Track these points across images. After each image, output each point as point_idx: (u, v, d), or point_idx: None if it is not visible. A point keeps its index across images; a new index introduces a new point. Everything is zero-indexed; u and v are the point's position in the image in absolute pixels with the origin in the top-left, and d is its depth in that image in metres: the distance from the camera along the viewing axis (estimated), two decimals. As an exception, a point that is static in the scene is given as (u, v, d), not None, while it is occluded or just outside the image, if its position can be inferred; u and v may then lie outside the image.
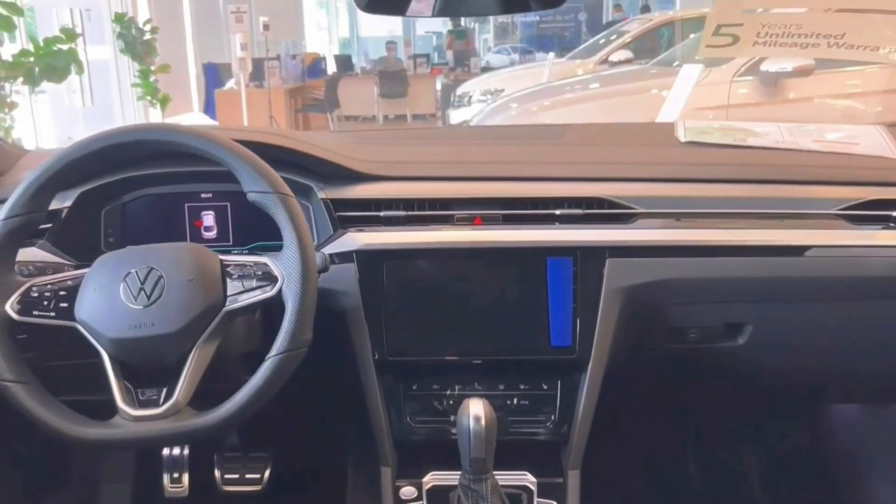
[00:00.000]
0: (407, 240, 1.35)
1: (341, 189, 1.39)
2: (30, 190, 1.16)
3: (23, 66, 6.07)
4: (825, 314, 1.43)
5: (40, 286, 1.17)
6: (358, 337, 1.34)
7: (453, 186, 1.41)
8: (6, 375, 1.12)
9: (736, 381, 1.58)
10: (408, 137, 1.80)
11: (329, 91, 10.54)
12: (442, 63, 13.10)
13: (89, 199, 1.40)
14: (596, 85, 6.39)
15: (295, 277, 1.12)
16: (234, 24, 8.44)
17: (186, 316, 1.11)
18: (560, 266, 1.33)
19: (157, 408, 1.10)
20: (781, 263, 1.36)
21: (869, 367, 1.54)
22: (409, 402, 1.39)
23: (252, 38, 9.12)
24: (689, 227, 1.36)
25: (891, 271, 1.36)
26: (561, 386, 1.38)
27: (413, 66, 12.22)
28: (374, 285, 1.33)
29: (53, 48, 6.25)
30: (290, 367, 1.12)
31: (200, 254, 1.18)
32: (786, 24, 1.39)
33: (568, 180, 1.42)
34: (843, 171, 1.45)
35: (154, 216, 1.45)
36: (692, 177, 1.44)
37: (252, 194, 1.16)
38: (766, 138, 1.55)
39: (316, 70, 11.65)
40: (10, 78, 5.99)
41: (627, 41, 8.41)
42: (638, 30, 8.58)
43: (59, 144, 7.41)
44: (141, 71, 8.80)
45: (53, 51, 6.24)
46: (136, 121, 9.36)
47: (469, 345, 1.36)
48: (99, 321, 1.12)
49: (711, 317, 1.43)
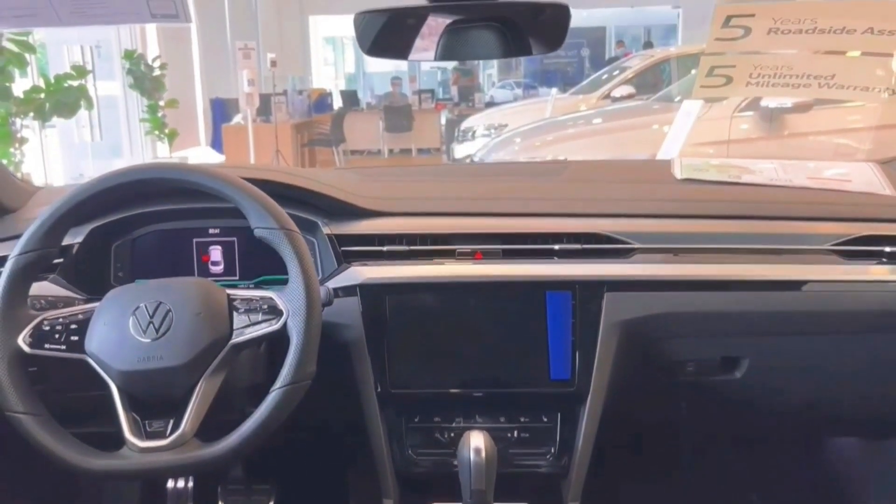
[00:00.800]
0: (409, 274, 1.38)
1: (345, 224, 1.43)
2: (44, 226, 1.20)
3: (34, 101, 6.18)
4: (821, 348, 1.45)
5: (52, 319, 1.20)
6: (361, 369, 1.36)
7: (454, 222, 1.45)
8: (17, 407, 1.14)
9: (734, 414, 1.59)
10: (410, 174, 1.84)
11: (335, 126, 10.64)
12: (446, 98, 13.21)
13: (100, 234, 1.44)
14: (598, 120, 6.44)
15: (300, 311, 1.15)
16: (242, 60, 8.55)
17: (194, 349, 1.14)
18: (559, 300, 1.36)
19: (163, 439, 1.12)
20: (776, 298, 1.38)
21: (866, 401, 1.56)
22: (411, 434, 1.41)
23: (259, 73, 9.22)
24: (686, 261, 1.39)
25: (884, 305, 1.38)
26: (561, 418, 1.40)
27: (418, 102, 12.34)
28: (377, 318, 1.36)
29: (64, 84, 6.35)
30: (294, 398, 1.14)
31: (208, 288, 1.21)
32: (777, 65, 1.42)
33: (566, 216, 1.45)
34: (836, 208, 1.48)
35: (163, 251, 1.49)
36: (688, 213, 1.47)
37: (259, 230, 1.19)
38: (761, 175, 1.58)
39: (322, 105, 11.77)
40: (20, 113, 6.08)
41: (630, 77, 8.47)
42: (640, 66, 8.65)
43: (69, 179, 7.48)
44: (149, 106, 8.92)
45: (64, 87, 6.35)
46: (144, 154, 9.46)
47: (470, 377, 1.39)
48: (108, 354, 1.15)
49: (708, 351, 1.45)
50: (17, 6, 1.14)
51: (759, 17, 1.34)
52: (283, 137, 9.38)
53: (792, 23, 1.34)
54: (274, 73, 9.72)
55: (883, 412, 1.60)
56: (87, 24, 1.19)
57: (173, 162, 1.44)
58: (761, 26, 1.35)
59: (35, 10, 1.14)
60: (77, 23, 1.18)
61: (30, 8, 1.14)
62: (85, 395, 1.21)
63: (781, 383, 1.50)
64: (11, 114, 5.98)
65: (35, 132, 6.65)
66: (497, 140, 6.53)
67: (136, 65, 8.71)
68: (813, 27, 1.34)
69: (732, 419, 1.62)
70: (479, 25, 1.11)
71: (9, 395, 1.14)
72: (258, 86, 8.94)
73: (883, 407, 1.57)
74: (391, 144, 11.92)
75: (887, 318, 1.39)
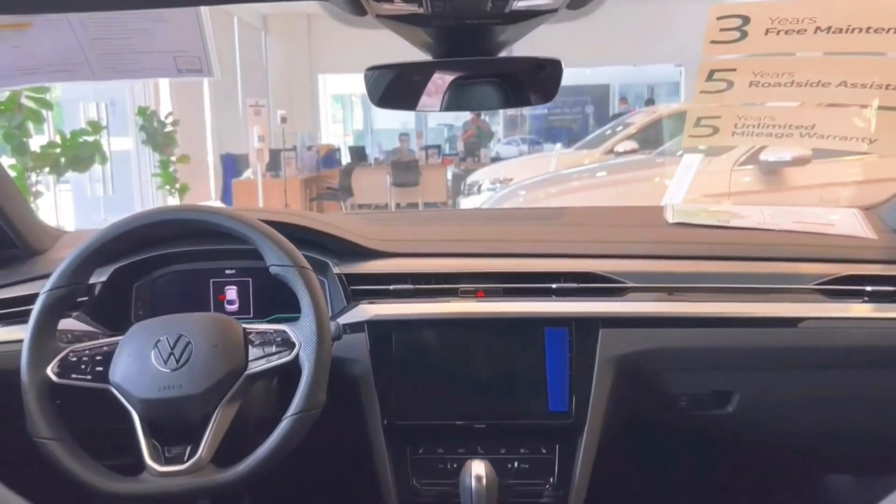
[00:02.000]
0: (415, 311, 1.45)
1: (354, 265, 1.51)
2: (73, 264, 1.29)
3: (50, 156, 6.31)
4: (808, 383, 1.51)
5: (78, 352, 1.27)
6: (368, 402, 1.42)
7: (457, 262, 1.53)
8: (44, 433, 1.21)
9: (727, 448, 1.64)
10: (416, 218, 1.93)
11: (343, 180, 10.79)
12: (453, 154, 13.40)
13: (122, 274, 1.52)
14: (602, 173, 6.55)
15: (311, 343, 1.22)
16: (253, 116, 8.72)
17: (211, 379, 1.21)
18: (557, 336, 1.43)
19: (181, 464, 1.19)
20: (764, 334, 1.45)
21: (856, 437, 1.60)
22: (416, 464, 1.46)
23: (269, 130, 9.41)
24: (677, 300, 1.46)
25: (867, 342, 1.44)
26: (559, 450, 1.45)
27: (425, 157, 12.49)
28: (384, 353, 1.43)
29: (79, 140, 6.50)
30: (305, 426, 1.21)
31: (225, 322, 1.28)
32: (760, 115, 1.51)
33: (564, 257, 1.53)
34: (820, 249, 1.55)
35: (181, 290, 1.56)
36: (679, 254, 1.55)
37: (274, 268, 1.27)
38: (749, 219, 1.66)
39: (331, 160, 11.94)
40: (36, 168, 6.22)
41: (632, 132, 8.63)
42: (642, 121, 8.81)
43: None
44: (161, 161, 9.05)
45: (79, 142, 6.49)
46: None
47: (472, 409, 1.45)
48: (131, 383, 1.22)
49: (700, 385, 1.50)
50: (55, 62, 1.24)
51: (740, 72, 1.43)
52: (292, 192, 9.52)
53: (770, 76, 1.43)
54: (284, 130, 9.90)
55: (873, 448, 1.65)
56: (119, 78, 1.29)
57: (194, 204, 1.53)
58: (743, 80, 1.45)
59: (71, 66, 1.25)
60: (109, 77, 1.28)
61: (66, 63, 1.24)
62: (106, 424, 1.28)
63: (772, 418, 1.55)
64: (28, 168, 6.13)
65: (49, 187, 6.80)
66: (502, 193, 6.65)
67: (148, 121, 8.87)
68: (791, 80, 1.43)
69: (726, 453, 1.67)
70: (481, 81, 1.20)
71: (37, 421, 1.21)
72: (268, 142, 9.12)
73: (873, 442, 1.62)
74: (398, 198, 12.06)
75: (871, 355, 1.46)
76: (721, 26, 1.35)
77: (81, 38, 1.20)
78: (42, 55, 1.23)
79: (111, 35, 1.22)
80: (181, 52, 1.26)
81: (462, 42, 1.12)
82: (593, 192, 5.85)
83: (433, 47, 1.15)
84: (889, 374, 1.48)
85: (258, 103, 9.03)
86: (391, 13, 1.02)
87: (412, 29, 1.09)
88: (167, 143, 9.02)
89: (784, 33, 1.33)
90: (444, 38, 1.12)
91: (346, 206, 10.75)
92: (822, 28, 1.31)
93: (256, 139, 8.70)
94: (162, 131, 8.92)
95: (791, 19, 1.32)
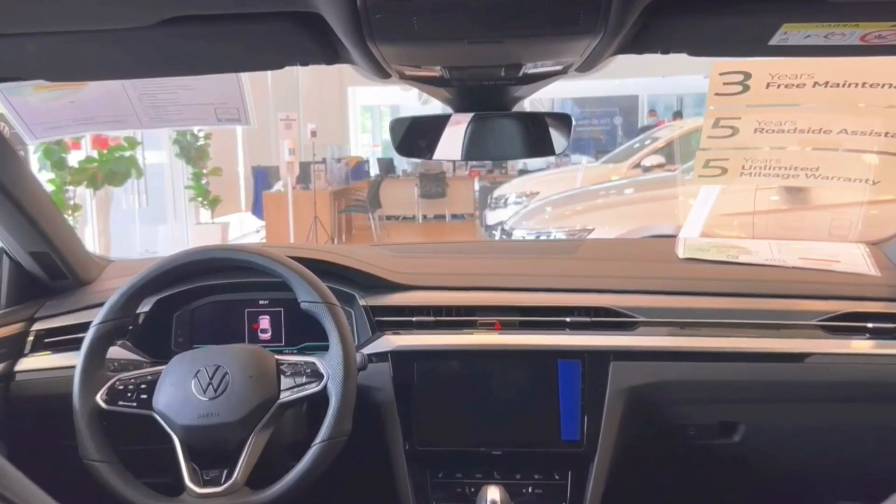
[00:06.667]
0: (436, 342, 1.54)
1: (379, 297, 1.61)
2: (122, 299, 1.40)
3: (87, 171, 6.51)
4: (812, 415, 1.57)
5: (125, 380, 1.38)
6: (391, 428, 1.51)
7: (477, 296, 1.62)
8: (94, 455, 1.32)
9: (734, 477, 1.70)
10: (438, 251, 2.01)
11: (372, 192, 10.89)
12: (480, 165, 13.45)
13: (164, 305, 1.63)
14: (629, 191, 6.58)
15: (338, 375, 1.32)
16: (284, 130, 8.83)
17: (247, 407, 1.31)
18: (569, 368, 1.51)
19: (219, 486, 1.29)
20: (769, 368, 1.52)
21: (861, 468, 1.66)
22: (435, 488, 1.55)
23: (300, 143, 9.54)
24: (685, 334, 1.54)
25: (868, 377, 1.51)
26: (571, 476, 1.53)
27: (452, 169, 12.56)
28: (407, 382, 1.52)
29: (116, 155, 6.69)
30: (333, 452, 1.30)
31: (260, 354, 1.39)
32: (767, 158, 1.58)
33: (577, 291, 1.62)
34: (824, 287, 1.62)
35: (218, 320, 1.67)
36: (689, 290, 1.62)
37: (305, 304, 1.38)
38: (757, 255, 1.72)
39: (360, 172, 12.04)
40: (74, 182, 6.42)
41: (660, 146, 8.64)
42: (669, 135, 8.82)
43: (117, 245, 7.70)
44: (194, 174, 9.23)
45: (115, 157, 6.67)
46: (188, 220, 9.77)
47: (489, 437, 1.53)
48: (173, 410, 1.33)
49: (707, 416, 1.58)
50: (107, 114, 1.35)
51: (744, 120, 1.51)
52: (322, 204, 9.63)
53: (774, 124, 1.50)
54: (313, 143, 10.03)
55: (877, 479, 1.70)
56: (164, 127, 1.40)
57: (233, 244, 1.64)
58: (747, 127, 1.52)
59: (122, 118, 1.36)
60: (155, 126, 1.39)
61: (117, 115, 1.35)
62: (148, 447, 1.38)
63: (777, 447, 1.62)
64: (66, 182, 6.33)
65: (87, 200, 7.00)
66: (528, 208, 6.67)
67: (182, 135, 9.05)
68: (793, 128, 1.50)
69: (733, 481, 1.73)
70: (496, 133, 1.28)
71: (87, 445, 1.32)
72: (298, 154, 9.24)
73: (877, 474, 1.67)
74: (426, 210, 12.16)
75: (873, 389, 1.52)
76: (724, 80, 1.43)
77: (131, 94, 1.32)
78: (95, 108, 1.35)
79: (157, 91, 1.33)
80: (221, 104, 1.37)
81: (479, 99, 1.21)
82: (618, 210, 5.88)
83: (453, 102, 1.24)
84: (891, 408, 1.54)
85: (289, 117, 9.13)
86: (414, 76, 1.11)
87: (434, 87, 1.18)
88: (200, 157, 9.20)
89: (784, 87, 1.40)
90: (463, 96, 1.22)
91: (374, 217, 10.86)
92: (819, 83, 1.39)
93: (287, 152, 8.81)
94: (195, 145, 9.10)
95: (790, 75, 1.39)
